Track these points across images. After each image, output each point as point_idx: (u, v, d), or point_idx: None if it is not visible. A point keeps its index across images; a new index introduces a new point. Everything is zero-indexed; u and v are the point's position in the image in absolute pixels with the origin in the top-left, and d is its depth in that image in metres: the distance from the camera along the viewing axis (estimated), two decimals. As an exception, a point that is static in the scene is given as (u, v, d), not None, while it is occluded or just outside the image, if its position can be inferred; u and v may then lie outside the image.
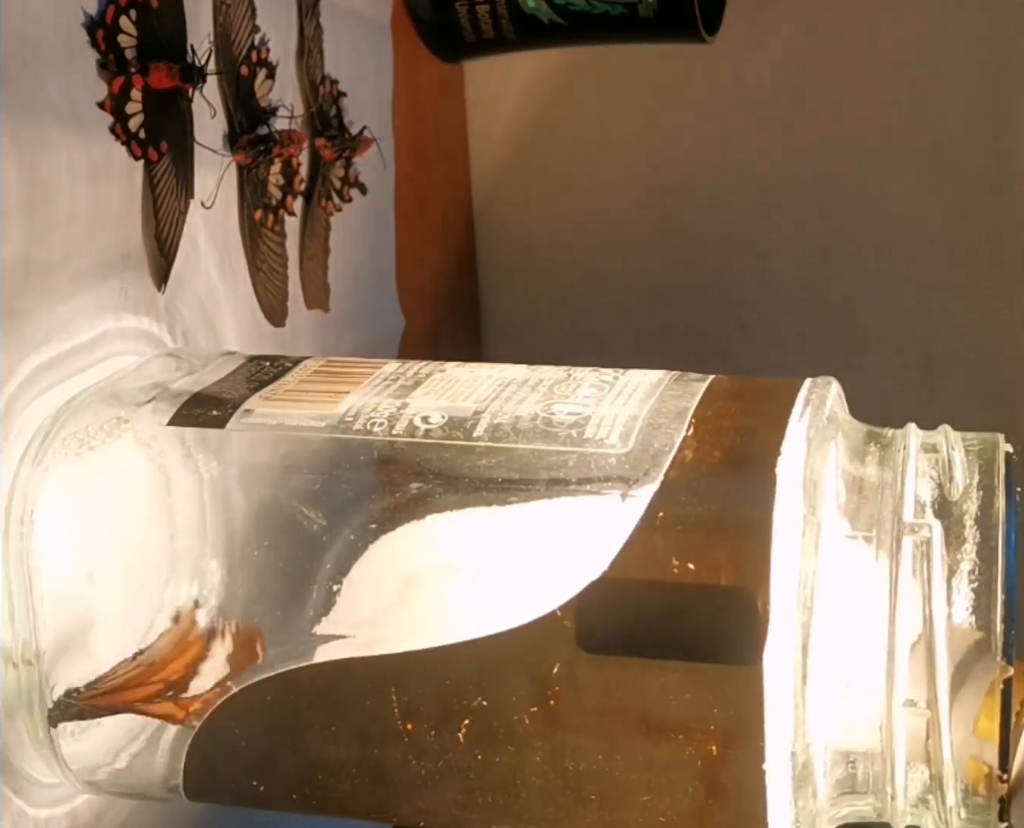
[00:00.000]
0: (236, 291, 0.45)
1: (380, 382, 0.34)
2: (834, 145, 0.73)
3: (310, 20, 0.50)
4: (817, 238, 0.74)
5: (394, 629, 0.30)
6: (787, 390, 0.32)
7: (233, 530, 0.32)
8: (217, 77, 0.42)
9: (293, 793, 0.33)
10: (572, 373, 0.34)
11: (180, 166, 0.40)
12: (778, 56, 0.73)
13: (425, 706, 0.30)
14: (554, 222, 0.76)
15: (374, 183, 0.56)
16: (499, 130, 0.76)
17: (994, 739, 0.28)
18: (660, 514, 0.29)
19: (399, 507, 0.31)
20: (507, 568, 0.30)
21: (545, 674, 0.29)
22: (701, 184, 0.75)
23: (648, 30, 0.60)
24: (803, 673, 0.28)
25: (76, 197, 0.35)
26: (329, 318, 0.52)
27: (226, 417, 0.33)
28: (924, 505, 0.29)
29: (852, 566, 0.29)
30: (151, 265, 0.39)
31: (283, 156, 0.46)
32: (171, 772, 0.33)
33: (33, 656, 0.32)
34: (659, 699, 0.29)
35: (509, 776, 0.30)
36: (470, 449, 0.31)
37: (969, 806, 0.29)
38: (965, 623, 0.29)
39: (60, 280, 0.35)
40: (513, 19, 0.62)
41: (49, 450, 0.33)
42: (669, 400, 0.32)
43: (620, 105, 0.75)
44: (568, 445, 0.31)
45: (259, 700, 0.31)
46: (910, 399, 0.74)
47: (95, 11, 0.36)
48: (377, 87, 0.58)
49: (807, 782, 0.29)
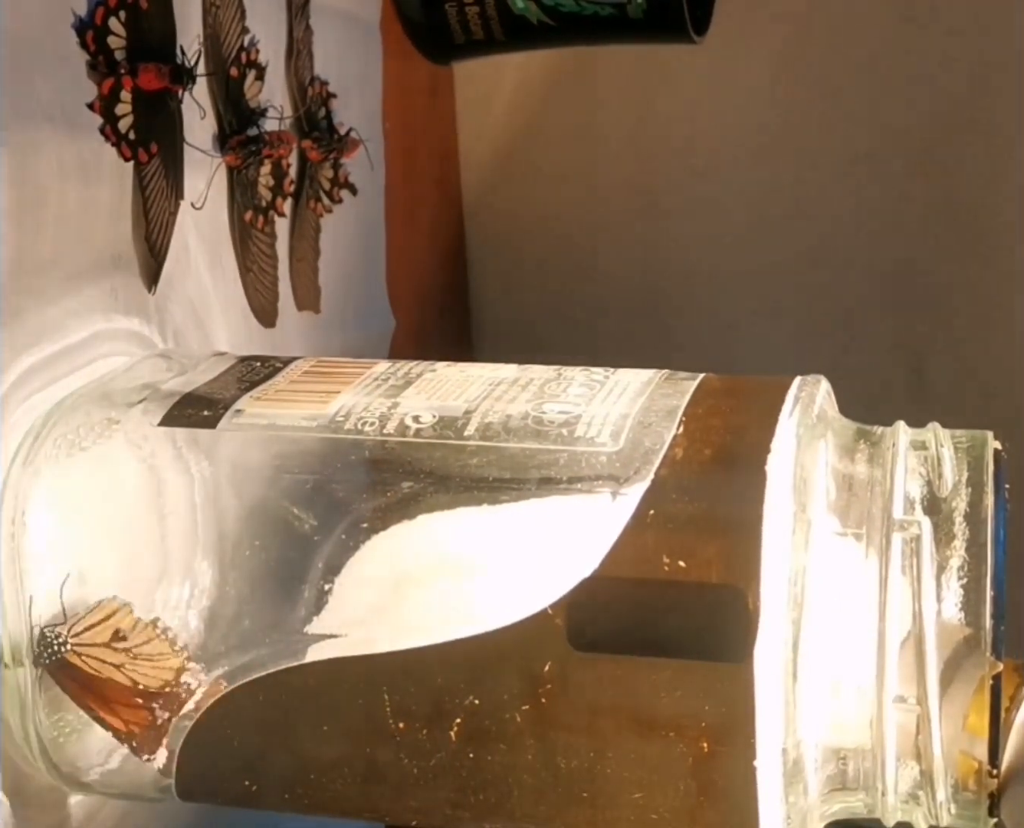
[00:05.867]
0: (226, 292, 0.45)
1: (371, 382, 0.34)
2: (824, 144, 0.73)
3: (300, 21, 0.50)
4: (806, 237, 0.74)
5: (386, 628, 0.30)
6: (777, 388, 0.32)
7: (224, 530, 0.32)
8: (207, 78, 0.42)
9: (285, 793, 0.33)
10: (562, 372, 0.34)
11: (170, 167, 0.40)
12: (767, 56, 0.73)
13: (417, 705, 0.30)
14: (544, 222, 0.77)
15: (364, 184, 0.56)
16: (489, 131, 0.76)
17: (984, 735, 0.29)
18: (651, 512, 0.29)
19: (390, 506, 0.31)
20: (498, 567, 0.30)
21: (537, 672, 0.29)
22: (691, 184, 0.75)
23: (637, 31, 0.60)
24: (794, 670, 0.28)
25: (66, 198, 0.35)
26: (320, 319, 0.52)
27: (217, 417, 0.33)
28: (913, 502, 0.30)
29: (842, 563, 0.29)
30: (141, 266, 0.39)
31: (273, 157, 0.46)
32: (163, 773, 0.33)
33: (24, 656, 0.32)
34: (650, 697, 0.29)
35: (501, 774, 0.30)
36: (461, 448, 0.31)
37: (959, 801, 0.29)
38: (954, 619, 0.29)
39: (50, 281, 0.35)
40: (502, 20, 0.62)
41: (40, 451, 0.33)
42: (659, 399, 0.32)
43: (610, 106, 0.75)
44: (559, 444, 0.31)
45: (251, 700, 0.31)
46: (899, 397, 0.74)
47: (84, 12, 0.36)
48: (367, 88, 0.58)
49: (798, 779, 0.29)
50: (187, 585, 0.32)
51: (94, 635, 0.32)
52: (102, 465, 0.33)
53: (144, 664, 0.32)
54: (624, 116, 0.75)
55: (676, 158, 0.75)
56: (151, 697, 0.32)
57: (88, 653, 0.32)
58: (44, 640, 0.32)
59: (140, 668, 0.32)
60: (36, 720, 0.33)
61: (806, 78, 0.73)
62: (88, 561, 0.32)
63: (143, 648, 0.32)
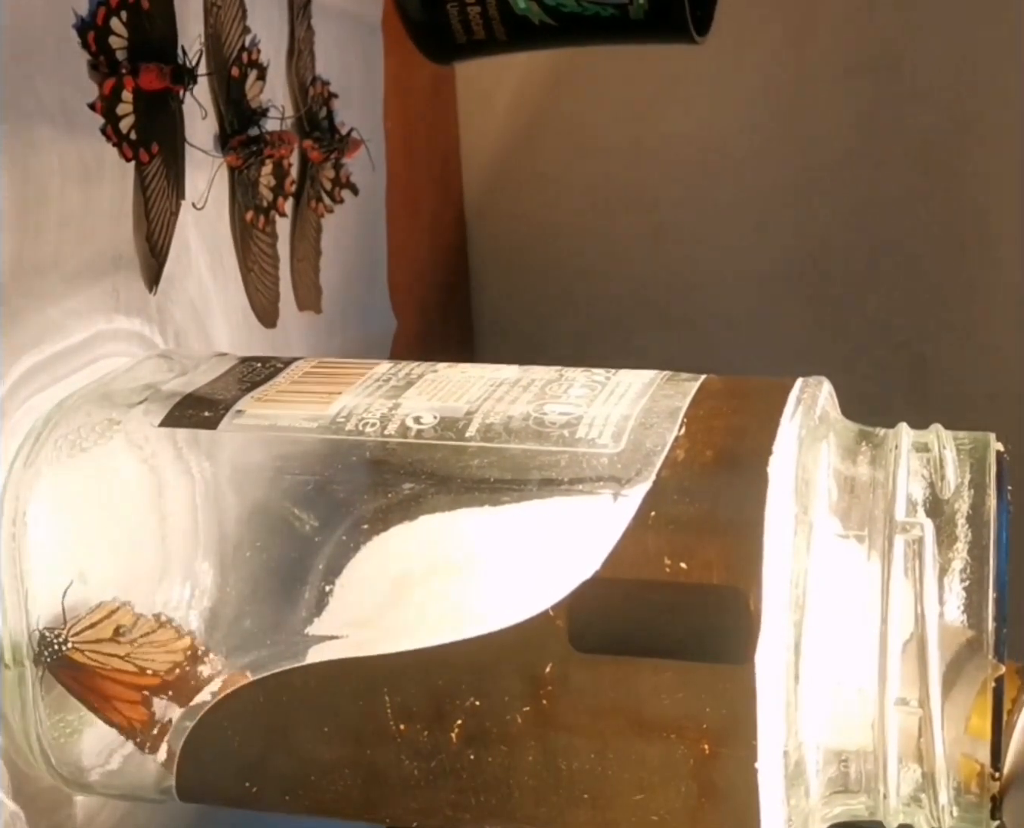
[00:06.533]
0: (228, 292, 0.45)
1: (372, 383, 0.34)
2: (825, 145, 0.73)
3: (301, 21, 0.50)
4: (808, 238, 0.74)
5: (387, 629, 0.30)
6: (779, 390, 0.32)
7: (225, 531, 0.32)
8: (208, 78, 0.42)
9: (286, 794, 0.33)
10: (564, 373, 0.34)
11: (171, 167, 0.40)
12: (769, 57, 0.73)
13: (418, 706, 0.30)
14: (545, 223, 0.77)
15: (365, 184, 0.56)
16: (490, 131, 0.76)
17: (986, 737, 0.28)
18: (652, 513, 0.29)
19: (391, 507, 0.31)
20: (499, 568, 0.30)
21: (538, 674, 0.29)
22: (692, 184, 0.75)
23: (639, 31, 0.60)
24: (795, 672, 0.28)
25: (67, 199, 0.35)
26: (321, 319, 0.52)
27: (218, 418, 0.33)
28: (916, 504, 0.30)
29: (844, 565, 0.29)
30: (142, 266, 0.39)
31: (274, 157, 0.46)
32: (163, 774, 0.33)
33: (25, 657, 0.32)
34: (651, 698, 0.29)
35: (502, 776, 0.30)
36: (462, 449, 0.31)
37: (961, 804, 0.29)
38: (957, 621, 0.29)
39: (51, 282, 0.35)
40: (504, 20, 0.62)
41: (41, 452, 0.33)
42: (661, 400, 0.32)
43: (611, 106, 0.75)
44: (560, 445, 0.31)
45: (252, 701, 0.31)
46: (901, 399, 0.74)
47: (86, 12, 0.36)
48: (368, 88, 0.58)
49: (800, 781, 0.29)
50: (188, 586, 0.32)
51: (96, 633, 0.32)
52: (103, 466, 0.33)
53: (151, 649, 0.32)
54: (625, 117, 0.75)
55: (677, 158, 0.75)
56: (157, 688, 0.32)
57: (91, 648, 0.32)
58: (44, 640, 0.32)
59: (147, 653, 0.32)
60: (37, 721, 0.33)
61: (807, 78, 0.72)
62: (89, 562, 0.32)
63: (149, 637, 0.32)
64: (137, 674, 0.32)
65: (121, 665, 0.32)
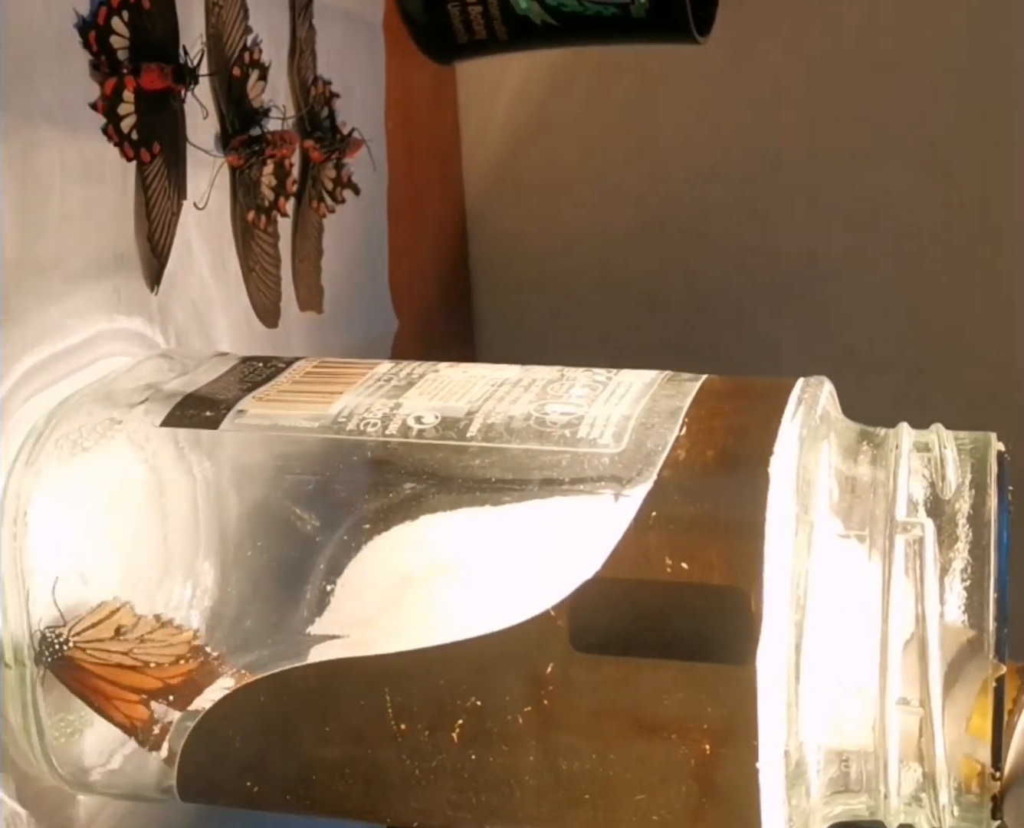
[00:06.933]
0: (229, 292, 0.45)
1: (373, 382, 0.34)
2: (826, 146, 0.73)
3: (302, 21, 0.50)
4: (809, 239, 0.74)
5: (388, 629, 0.30)
6: (780, 390, 0.32)
7: (226, 531, 0.32)
8: (209, 78, 0.42)
9: (287, 794, 0.33)
10: (565, 373, 0.34)
11: (172, 167, 0.40)
12: (771, 56, 0.73)
13: (419, 706, 0.30)
14: (547, 223, 0.76)
15: (367, 184, 0.56)
16: (492, 131, 0.76)
17: (987, 737, 0.28)
18: (653, 513, 0.29)
19: (392, 507, 0.31)
20: (501, 568, 0.30)
21: (539, 674, 0.29)
22: (694, 185, 0.75)
23: (640, 31, 0.60)
24: (796, 672, 0.28)
25: (69, 198, 0.35)
26: (322, 319, 0.52)
27: (219, 418, 0.33)
28: (917, 504, 0.30)
29: (845, 565, 0.29)
30: (144, 266, 0.39)
31: (275, 157, 0.46)
32: (165, 773, 0.33)
33: (26, 657, 0.32)
34: (652, 698, 0.29)
35: (503, 776, 0.30)
36: (463, 449, 0.31)
37: (962, 804, 0.29)
38: (958, 621, 0.29)
39: (53, 281, 0.35)
40: (506, 20, 0.62)
41: (42, 451, 0.33)
42: (662, 400, 0.32)
43: (613, 106, 0.75)
44: (561, 445, 0.31)
45: (253, 701, 0.31)
46: (902, 398, 0.74)
47: (87, 12, 0.36)
48: (369, 88, 0.58)
49: (800, 781, 0.29)
50: (189, 585, 0.32)
51: (97, 632, 0.32)
52: (104, 465, 0.33)
53: (152, 649, 0.32)
54: (627, 117, 0.75)
55: (679, 158, 0.75)
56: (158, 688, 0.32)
57: (92, 647, 0.32)
58: (45, 640, 0.32)
59: (148, 653, 0.32)
60: (38, 721, 0.33)
61: (808, 78, 0.72)
62: (90, 561, 0.32)
63: (150, 637, 0.32)
64: (138, 674, 0.32)
65: (122, 664, 0.32)
